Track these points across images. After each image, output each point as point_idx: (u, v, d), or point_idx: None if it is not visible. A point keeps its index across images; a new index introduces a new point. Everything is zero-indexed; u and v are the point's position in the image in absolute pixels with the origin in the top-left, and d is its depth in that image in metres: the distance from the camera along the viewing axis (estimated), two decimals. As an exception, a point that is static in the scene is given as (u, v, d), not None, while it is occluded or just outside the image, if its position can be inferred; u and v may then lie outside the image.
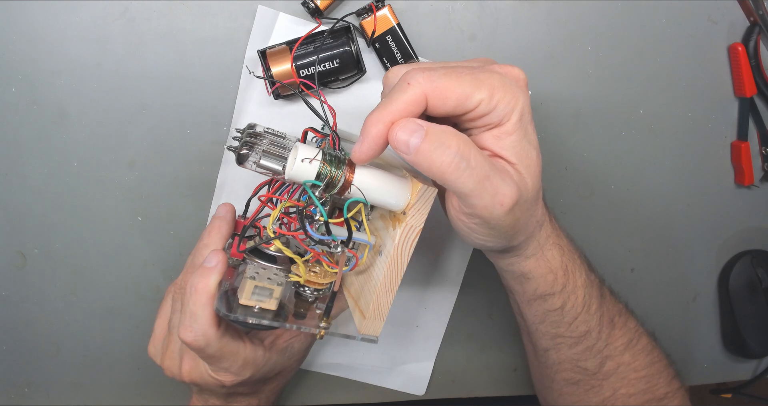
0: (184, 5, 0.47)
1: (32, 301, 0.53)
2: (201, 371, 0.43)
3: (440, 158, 0.32)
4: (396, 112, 0.33)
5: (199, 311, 0.39)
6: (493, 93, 0.33)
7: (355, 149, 0.34)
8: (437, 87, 0.33)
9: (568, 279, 0.44)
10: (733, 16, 0.56)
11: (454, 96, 0.33)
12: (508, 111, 0.34)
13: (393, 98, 0.33)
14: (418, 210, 0.37)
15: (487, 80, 0.34)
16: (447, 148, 0.32)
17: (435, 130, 0.32)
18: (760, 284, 0.63)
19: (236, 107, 0.49)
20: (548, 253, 0.42)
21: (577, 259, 0.45)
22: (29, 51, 0.47)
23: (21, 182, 0.50)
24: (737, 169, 0.61)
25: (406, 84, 0.33)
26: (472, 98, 0.33)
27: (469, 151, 0.33)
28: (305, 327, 0.39)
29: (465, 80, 0.33)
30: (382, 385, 0.60)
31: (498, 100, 0.34)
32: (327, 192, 0.36)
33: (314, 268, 0.41)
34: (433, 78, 0.33)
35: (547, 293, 0.44)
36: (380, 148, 0.34)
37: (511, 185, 0.34)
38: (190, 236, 0.51)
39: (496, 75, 0.34)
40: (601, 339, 0.47)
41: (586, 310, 0.45)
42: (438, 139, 0.32)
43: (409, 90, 0.33)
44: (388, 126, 0.33)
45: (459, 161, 0.32)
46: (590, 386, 0.49)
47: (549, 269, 0.43)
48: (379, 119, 0.33)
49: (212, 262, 0.40)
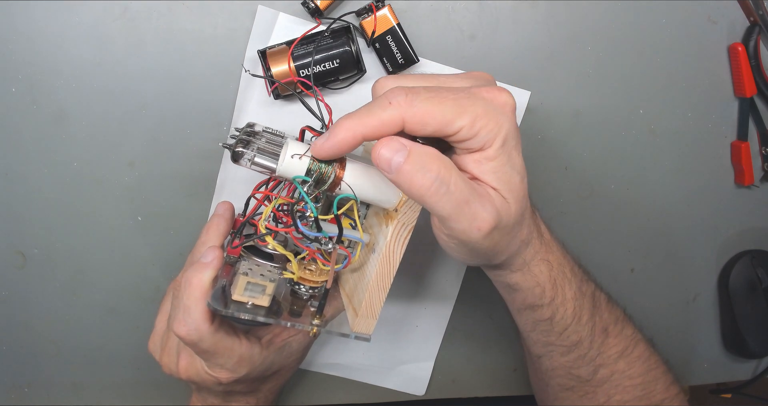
0: (184, 5, 0.47)
1: (32, 301, 0.53)
2: (197, 367, 0.43)
3: (420, 181, 0.32)
4: (369, 128, 0.33)
5: (193, 306, 0.39)
6: (475, 120, 0.33)
7: (317, 142, 0.34)
8: (416, 112, 0.33)
9: (556, 292, 0.44)
10: (733, 16, 0.56)
11: (434, 122, 0.33)
12: (490, 137, 0.34)
13: (371, 113, 0.33)
14: (410, 207, 0.37)
15: (470, 107, 0.33)
16: (428, 171, 0.32)
17: (418, 151, 0.33)
18: (760, 284, 0.63)
19: (236, 107, 0.50)
20: (535, 268, 0.42)
21: (567, 272, 0.44)
22: (29, 51, 0.47)
23: (21, 182, 0.50)
24: (737, 169, 0.61)
25: (387, 102, 0.33)
26: (452, 125, 0.33)
27: (450, 175, 0.33)
28: (299, 324, 0.39)
29: (447, 106, 0.33)
30: (382, 385, 0.60)
31: (480, 127, 0.33)
32: (317, 188, 0.36)
33: (309, 266, 0.41)
34: (415, 102, 0.33)
35: (536, 304, 0.44)
36: (342, 152, 0.34)
37: (490, 211, 0.35)
38: (190, 236, 0.51)
39: (481, 101, 0.34)
40: (593, 348, 0.47)
41: (577, 321, 0.45)
42: (420, 161, 0.32)
43: (388, 110, 0.33)
44: (357, 137, 0.33)
45: (439, 185, 0.32)
46: (584, 392, 0.49)
47: (536, 282, 0.43)
48: (350, 128, 0.33)
49: (208, 258, 0.40)
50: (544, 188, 0.57)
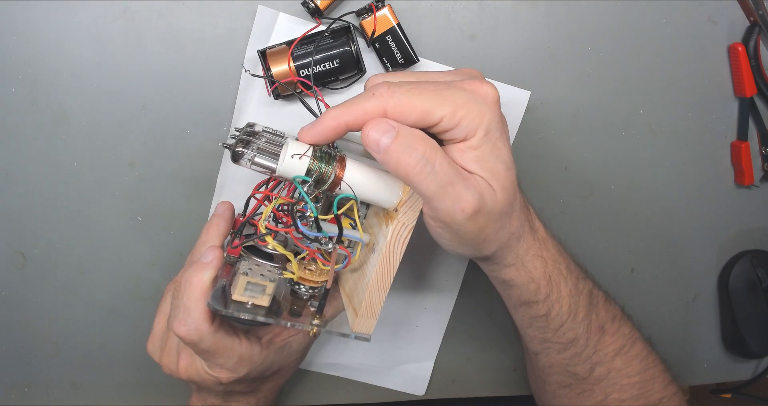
0: (184, 5, 0.47)
1: (32, 301, 0.53)
2: (197, 367, 0.43)
3: (406, 160, 0.34)
4: (353, 117, 0.35)
5: (193, 306, 0.39)
6: (456, 110, 0.35)
7: (304, 128, 0.37)
8: (397, 103, 0.34)
9: (551, 289, 0.44)
10: (733, 16, 0.56)
11: (414, 112, 0.35)
12: (472, 127, 0.35)
13: (355, 103, 0.35)
14: (410, 207, 0.37)
15: (450, 97, 0.35)
16: (414, 150, 0.34)
17: (405, 132, 0.34)
18: (760, 284, 0.63)
19: (236, 107, 0.50)
20: (529, 264, 0.43)
21: (563, 270, 0.45)
22: (29, 51, 0.47)
23: (21, 182, 0.50)
24: (737, 169, 0.61)
25: (371, 94, 0.35)
26: (433, 114, 0.35)
27: (435, 155, 0.34)
28: (299, 324, 0.39)
29: (426, 97, 0.35)
30: (382, 385, 0.60)
31: (461, 117, 0.35)
32: (318, 188, 0.36)
33: (309, 266, 0.41)
34: (396, 93, 0.35)
35: (531, 301, 0.44)
36: (326, 139, 0.36)
37: (473, 193, 0.36)
38: (190, 236, 0.51)
39: (462, 92, 0.36)
40: (590, 346, 0.47)
41: (572, 318, 0.45)
42: (407, 141, 0.34)
43: (371, 100, 0.35)
44: (341, 125, 0.35)
45: (424, 164, 0.34)
46: (581, 389, 0.49)
47: (530, 278, 0.43)
48: (336, 117, 0.35)
49: (208, 258, 0.40)
50: (544, 188, 0.57)
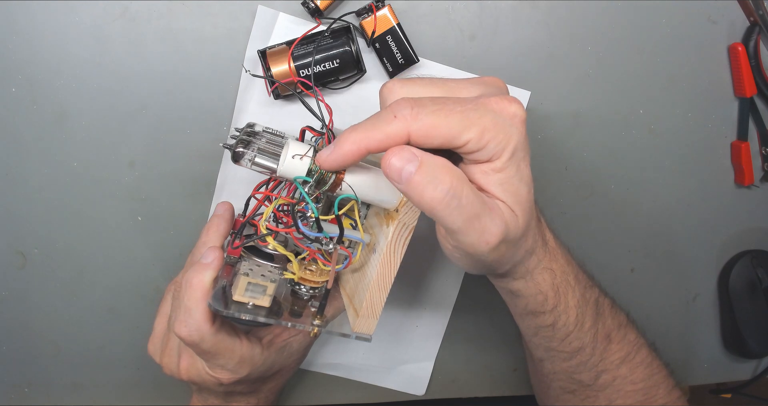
0: (184, 5, 0.47)
1: (32, 301, 0.53)
2: (198, 368, 0.43)
3: (431, 193, 0.31)
4: (374, 142, 0.32)
5: (194, 306, 0.39)
6: (483, 133, 0.32)
7: (322, 154, 0.34)
8: (422, 126, 0.32)
9: (559, 300, 0.43)
10: (733, 16, 0.56)
11: (440, 136, 0.32)
12: (498, 150, 0.33)
13: (376, 126, 0.32)
14: (411, 208, 0.37)
15: (478, 120, 0.32)
16: (440, 183, 0.31)
17: (429, 162, 0.31)
18: (760, 284, 0.63)
19: (236, 107, 0.49)
20: (538, 276, 0.42)
21: (571, 280, 0.44)
22: (29, 51, 0.47)
23: (21, 182, 0.50)
24: (737, 169, 0.61)
25: (392, 116, 0.32)
26: (459, 138, 0.32)
27: (462, 188, 0.32)
28: (299, 325, 0.39)
29: (453, 119, 0.32)
30: (382, 385, 0.60)
31: (488, 140, 0.32)
32: (318, 189, 0.36)
33: (310, 266, 0.41)
34: (420, 115, 0.32)
35: (538, 311, 0.44)
36: (346, 164, 0.34)
37: (499, 225, 0.34)
38: (190, 236, 0.51)
39: (489, 114, 0.33)
40: (596, 355, 0.46)
41: (579, 328, 0.45)
42: (432, 172, 0.31)
43: (393, 124, 0.32)
44: (362, 150, 0.32)
45: (451, 199, 0.31)
46: (586, 395, 0.49)
47: (539, 290, 0.42)
48: (355, 141, 0.32)
49: (208, 258, 0.40)
50: (544, 188, 0.57)
